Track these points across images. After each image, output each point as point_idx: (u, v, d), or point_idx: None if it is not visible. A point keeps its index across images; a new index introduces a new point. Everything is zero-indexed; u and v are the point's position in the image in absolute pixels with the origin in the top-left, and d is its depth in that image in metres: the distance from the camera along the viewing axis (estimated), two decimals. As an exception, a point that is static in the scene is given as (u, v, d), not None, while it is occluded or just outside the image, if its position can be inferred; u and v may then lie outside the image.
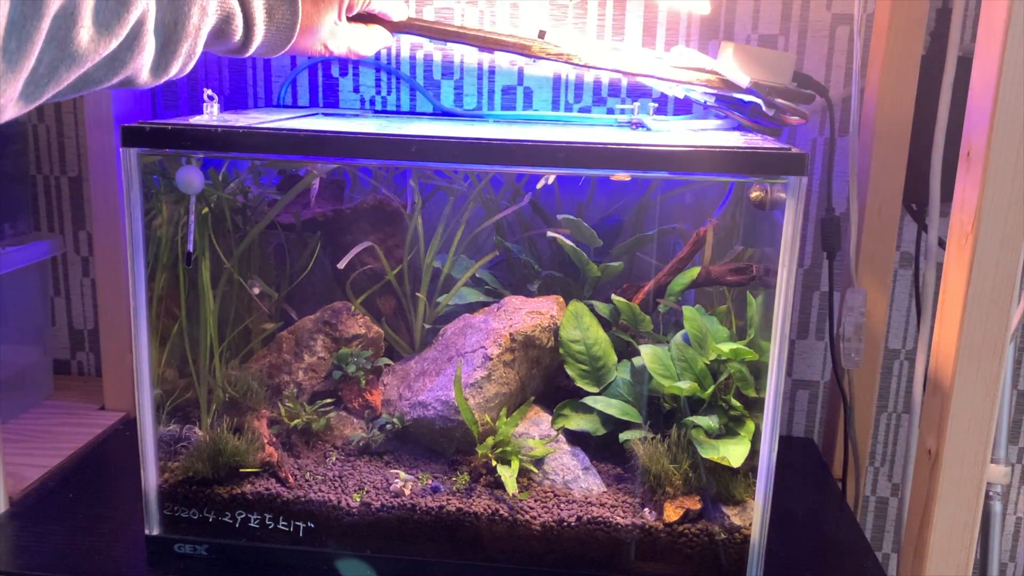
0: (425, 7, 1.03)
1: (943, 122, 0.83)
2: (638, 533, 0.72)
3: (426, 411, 0.78)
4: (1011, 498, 1.13)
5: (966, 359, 0.65)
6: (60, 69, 0.50)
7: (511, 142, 0.66)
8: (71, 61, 0.50)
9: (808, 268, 1.07)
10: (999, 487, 0.95)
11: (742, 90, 0.77)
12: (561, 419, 0.80)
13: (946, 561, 0.69)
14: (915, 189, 0.93)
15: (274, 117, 0.76)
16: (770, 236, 0.70)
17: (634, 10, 1.00)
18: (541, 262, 0.90)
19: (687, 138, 0.71)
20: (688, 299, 0.83)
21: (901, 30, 0.89)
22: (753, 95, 0.76)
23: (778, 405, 0.68)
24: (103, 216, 1.02)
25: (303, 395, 0.82)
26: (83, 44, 0.50)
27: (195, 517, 0.75)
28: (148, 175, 0.72)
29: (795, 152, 0.64)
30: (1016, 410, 1.10)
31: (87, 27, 0.49)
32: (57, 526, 0.81)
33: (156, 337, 0.74)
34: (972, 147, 0.64)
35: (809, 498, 0.92)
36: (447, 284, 0.86)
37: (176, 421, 0.78)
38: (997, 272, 0.63)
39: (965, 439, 0.66)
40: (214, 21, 0.60)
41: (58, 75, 0.50)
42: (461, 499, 0.74)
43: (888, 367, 1.10)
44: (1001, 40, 0.60)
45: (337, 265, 0.82)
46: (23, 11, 0.45)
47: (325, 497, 0.74)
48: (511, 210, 0.88)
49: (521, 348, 0.79)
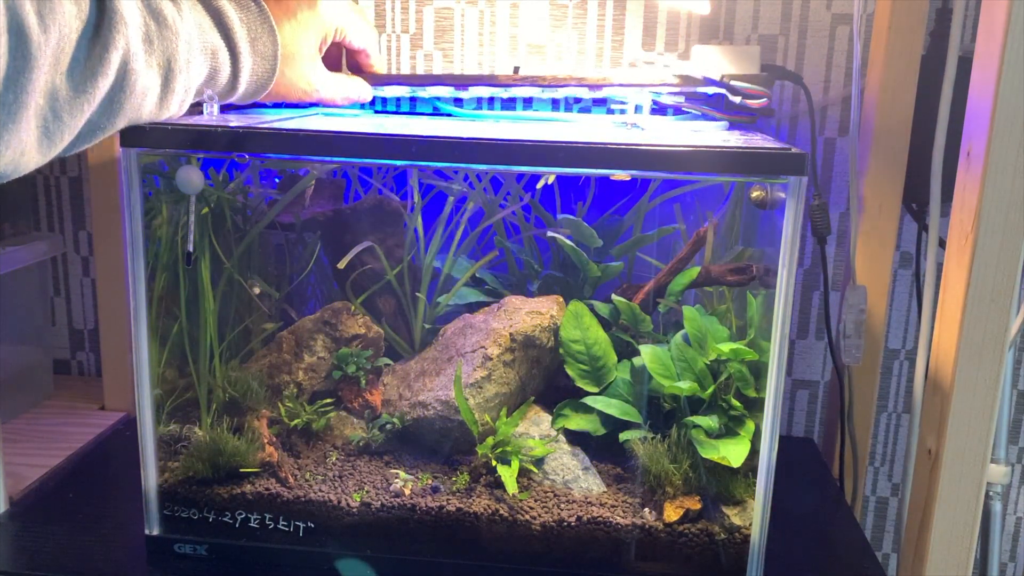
0: (425, 7, 1.03)
1: (943, 122, 0.83)
2: (638, 533, 0.72)
3: (426, 411, 0.78)
4: (1011, 498, 1.13)
5: (966, 359, 0.65)
6: (63, 116, 0.51)
7: (511, 142, 0.66)
8: (69, 107, 0.51)
9: (808, 268, 1.07)
10: (999, 487, 0.95)
11: (701, 83, 0.78)
12: (561, 419, 0.80)
13: (946, 561, 0.69)
14: (915, 189, 0.93)
15: (274, 117, 0.76)
16: (770, 236, 0.70)
17: (634, 10, 1.00)
18: (541, 262, 0.90)
19: (687, 138, 0.71)
20: (688, 299, 0.83)
21: (901, 30, 0.89)
22: (713, 85, 0.77)
23: (778, 405, 0.68)
24: (103, 216, 1.02)
25: (303, 395, 0.82)
26: (71, 90, 0.51)
27: (195, 517, 0.75)
28: (148, 175, 0.72)
29: (795, 152, 0.64)
30: (1016, 410, 1.10)
31: (71, 74, 0.51)
32: (57, 526, 0.81)
33: (156, 337, 0.74)
34: (972, 147, 0.64)
35: (809, 498, 0.92)
36: (447, 284, 0.86)
37: (176, 421, 0.78)
38: (997, 272, 0.63)
39: (965, 439, 0.66)
40: (203, 59, 0.62)
41: (62, 123, 0.51)
42: (461, 499, 0.74)
43: (888, 367, 1.10)
44: (1001, 40, 0.60)
45: (337, 265, 0.82)
46: (15, 65, 0.47)
47: (325, 497, 0.74)
48: (511, 210, 0.88)
49: (521, 348, 0.79)
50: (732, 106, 0.79)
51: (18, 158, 0.50)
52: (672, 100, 0.81)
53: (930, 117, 0.85)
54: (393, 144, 0.67)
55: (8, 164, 0.49)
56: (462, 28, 1.03)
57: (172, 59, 0.59)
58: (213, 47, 0.63)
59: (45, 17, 0.48)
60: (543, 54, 1.02)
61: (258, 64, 0.68)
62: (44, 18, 0.47)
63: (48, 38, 0.48)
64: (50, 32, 0.48)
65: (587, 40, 1.01)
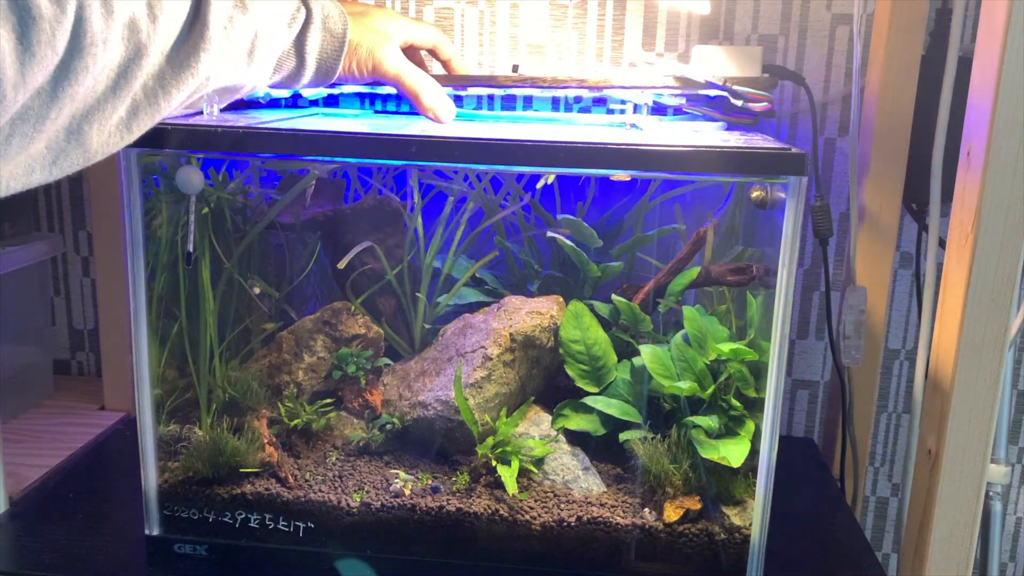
0: (425, 7, 1.03)
1: (943, 122, 0.83)
2: (638, 533, 0.72)
3: (426, 411, 0.78)
4: (1011, 498, 1.13)
5: (966, 359, 0.65)
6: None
7: (511, 142, 0.66)
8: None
9: (808, 268, 1.07)
10: (999, 487, 0.95)
11: (703, 87, 0.78)
12: (561, 419, 0.80)
13: (946, 561, 0.69)
14: (915, 189, 0.93)
15: (274, 117, 0.76)
16: (770, 236, 0.70)
17: (634, 10, 1.00)
18: (541, 262, 0.90)
19: (687, 138, 0.71)
20: (688, 299, 0.83)
21: (901, 30, 0.89)
22: (714, 88, 0.77)
23: (778, 405, 0.68)
24: (103, 216, 1.02)
25: (303, 395, 0.82)
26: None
27: (195, 517, 0.75)
28: (148, 175, 0.72)
29: (795, 152, 0.64)
30: (1016, 410, 1.10)
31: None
32: (57, 526, 0.81)
33: (156, 337, 0.74)
34: (972, 147, 0.64)
35: (809, 498, 0.92)
36: (447, 284, 0.86)
37: (176, 421, 0.78)
38: (997, 272, 0.63)
39: (965, 439, 0.66)
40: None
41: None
42: (461, 499, 0.74)
43: (888, 367, 1.10)
44: (1001, 40, 0.60)
45: (337, 265, 0.82)
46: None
47: (325, 497, 0.74)
48: (511, 210, 0.88)
49: (521, 348, 0.79)
50: (733, 108, 0.78)
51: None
52: (674, 101, 0.81)
53: (930, 117, 0.85)
54: (393, 144, 0.67)
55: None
56: (462, 28, 1.03)
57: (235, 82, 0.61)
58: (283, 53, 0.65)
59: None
60: (543, 54, 1.02)
61: (327, 40, 0.68)
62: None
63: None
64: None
65: (587, 40, 1.01)
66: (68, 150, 0.49)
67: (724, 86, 0.76)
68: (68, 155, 0.50)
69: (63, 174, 0.50)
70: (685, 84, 0.78)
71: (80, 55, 0.46)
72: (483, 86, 0.81)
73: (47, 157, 0.48)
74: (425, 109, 0.74)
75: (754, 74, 0.80)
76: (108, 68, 0.49)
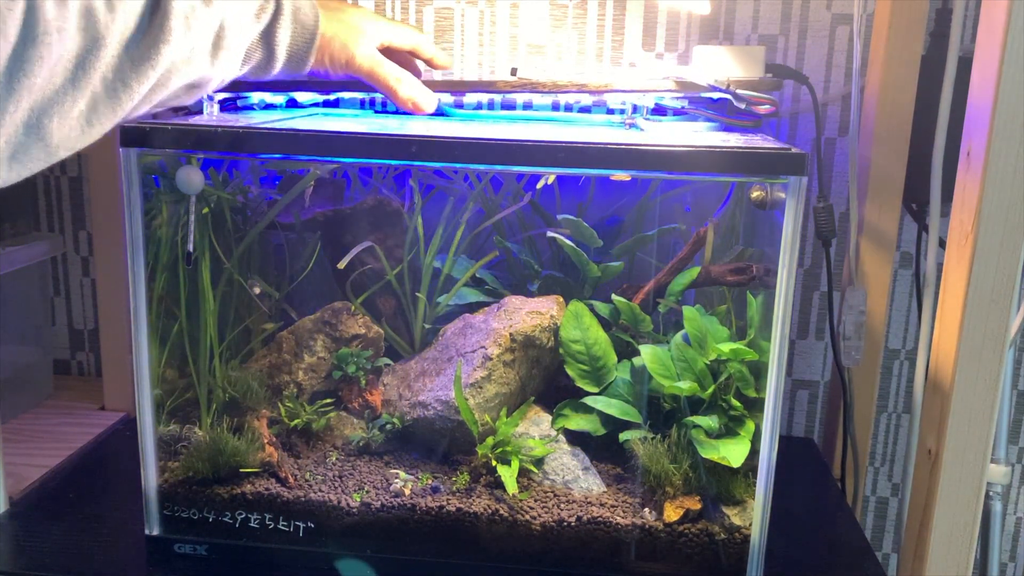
0: (425, 7, 1.03)
1: (943, 122, 0.83)
2: (638, 533, 0.72)
3: (426, 411, 0.78)
4: (1011, 498, 1.13)
5: (966, 359, 0.65)
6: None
7: (511, 142, 0.66)
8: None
9: (808, 268, 1.07)
10: (999, 487, 0.95)
11: (705, 90, 0.78)
12: (561, 419, 0.80)
13: (946, 561, 0.69)
14: (915, 189, 0.93)
15: (274, 117, 0.76)
16: (770, 236, 0.70)
17: (634, 10, 1.00)
18: (541, 262, 0.90)
19: (687, 138, 0.71)
20: (688, 299, 0.83)
21: (901, 30, 0.89)
22: (717, 91, 0.77)
23: (778, 405, 0.68)
24: (103, 216, 1.02)
25: (303, 395, 0.82)
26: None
27: (195, 517, 0.75)
28: (148, 175, 0.72)
29: (795, 152, 0.64)
30: (1016, 410, 1.10)
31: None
32: (57, 526, 0.81)
33: (156, 337, 0.74)
34: (972, 147, 0.64)
35: (809, 498, 0.92)
36: (447, 284, 0.86)
37: (176, 421, 0.78)
38: (997, 272, 0.63)
39: (965, 439, 0.66)
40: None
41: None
42: (461, 499, 0.74)
43: (888, 367, 1.10)
44: (1001, 40, 0.60)
45: (337, 265, 0.82)
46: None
47: (325, 497, 0.74)
48: (511, 210, 0.88)
49: (521, 348, 0.79)
50: (736, 109, 0.78)
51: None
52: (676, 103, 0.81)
53: (930, 117, 0.85)
54: (393, 144, 0.67)
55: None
56: (462, 28, 1.03)
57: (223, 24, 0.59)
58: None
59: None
60: (543, 54, 1.02)
61: (297, 30, 0.67)
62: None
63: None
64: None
65: (587, 40, 1.01)
66: (28, 145, 0.48)
67: (727, 90, 0.76)
68: (28, 150, 0.49)
69: (26, 172, 0.49)
70: (687, 88, 0.78)
71: (33, 44, 0.45)
72: (482, 91, 0.81)
73: (5, 151, 0.47)
74: (403, 102, 0.73)
75: (757, 74, 0.79)
76: (65, 59, 0.48)
